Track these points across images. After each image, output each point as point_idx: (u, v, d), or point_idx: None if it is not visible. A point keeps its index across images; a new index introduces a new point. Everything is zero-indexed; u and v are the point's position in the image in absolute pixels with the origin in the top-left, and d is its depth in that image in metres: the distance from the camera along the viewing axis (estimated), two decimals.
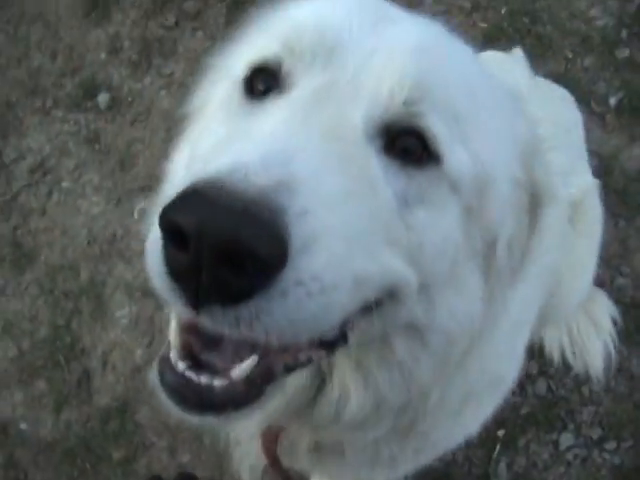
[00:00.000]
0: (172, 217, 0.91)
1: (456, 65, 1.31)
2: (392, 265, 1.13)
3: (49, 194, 3.98)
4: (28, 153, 4.12)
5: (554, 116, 2.41)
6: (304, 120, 1.09)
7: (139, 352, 3.52)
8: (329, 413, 1.45)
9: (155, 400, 3.18)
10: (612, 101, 3.78)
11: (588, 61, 3.88)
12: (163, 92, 4.13)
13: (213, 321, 0.96)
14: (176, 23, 4.34)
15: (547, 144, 1.53)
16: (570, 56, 3.89)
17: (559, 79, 3.73)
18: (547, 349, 3.19)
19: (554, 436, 3.17)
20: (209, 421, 1.15)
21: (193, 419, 1.14)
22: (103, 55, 4.34)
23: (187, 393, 1.11)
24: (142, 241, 3.20)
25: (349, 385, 1.41)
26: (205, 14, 4.33)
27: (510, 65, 2.63)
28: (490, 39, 3.85)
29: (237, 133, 1.20)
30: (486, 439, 3.14)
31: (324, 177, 1.00)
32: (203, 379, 1.10)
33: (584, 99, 3.74)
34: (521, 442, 3.17)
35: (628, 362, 3.23)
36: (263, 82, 1.30)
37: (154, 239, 0.98)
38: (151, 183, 3.82)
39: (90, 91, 4.21)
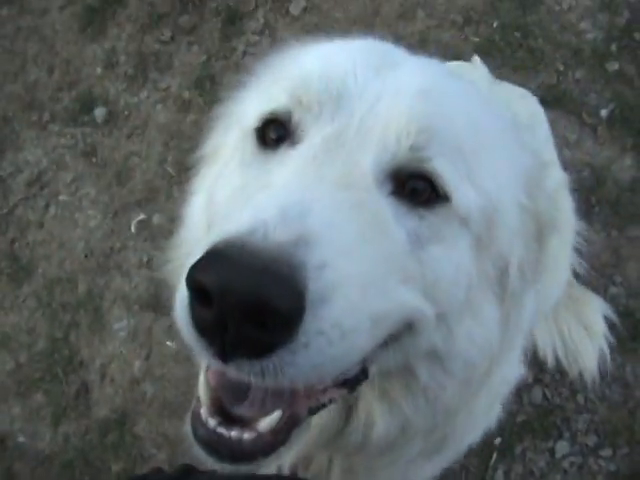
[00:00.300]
0: (197, 277, 0.96)
1: (459, 103, 1.36)
2: (408, 301, 1.18)
3: (46, 207, 3.99)
4: (25, 167, 4.13)
5: (518, 114, 2.46)
6: (316, 171, 1.14)
7: (137, 364, 3.53)
8: (356, 440, 1.50)
9: (153, 412, 3.18)
10: (603, 113, 3.83)
11: (579, 74, 3.93)
12: (159, 106, 4.16)
13: (240, 372, 1.00)
14: (172, 37, 4.37)
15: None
16: (561, 69, 3.94)
17: (551, 91, 3.79)
18: (541, 354, 3.20)
19: (550, 444, 3.20)
20: (241, 469, 1.22)
21: (226, 468, 1.21)
22: (99, 69, 4.36)
23: (219, 447, 1.18)
24: (139, 253, 3.22)
25: (374, 413, 1.46)
26: (200, 28, 4.36)
27: (471, 72, 2.75)
28: (482, 53, 3.87)
29: (252, 184, 1.25)
30: (483, 447, 3.16)
31: (339, 227, 1.05)
32: (233, 434, 1.17)
33: (576, 111, 3.80)
34: (517, 450, 3.19)
35: (622, 370, 3.26)
36: (275, 131, 1.35)
37: (182, 296, 1.03)
38: (148, 196, 3.87)
39: (87, 105, 4.24)
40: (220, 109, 1.65)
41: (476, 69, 2.82)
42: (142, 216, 3.83)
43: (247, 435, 1.17)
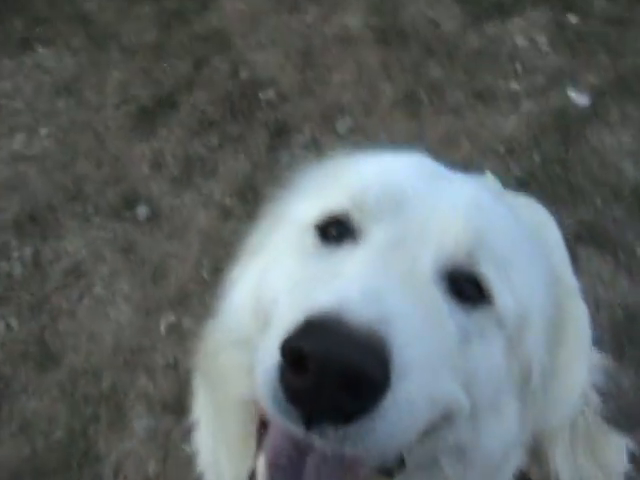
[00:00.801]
0: (297, 345, 1.03)
1: (501, 218, 1.49)
2: (453, 390, 1.26)
3: (80, 298, 4.02)
4: (64, 256, 4.19)
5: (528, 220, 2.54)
6: (383, 266, 1.24)
7: (152, 465, 3.48)
8: None
9: None
10: (639, 252, 3.83)
11: (617, 212, 3.96)
12: (201, 210, 4.24)
13: (322, 438, 1.07)
14: (219, 144, 4.49)
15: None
16: (600, 206, 3.97)
17: (587, 228, 3.81)
18: None
19: None
20: None
21: None
22: (146, 169, 4.48)
23: None
24: (167, 355, 3.22)
25: None
26: (248, 138, 4.49)
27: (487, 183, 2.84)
28: (522, 184, 3.95)
29: (319, 274, 1.34)
30: None
31: (410, 314, 1.14)
32: None
33: (612, 249, 3.81)
34: None
35: None
36: (336, 229, 1.46)
37: (270, 365, 1.10)
38: (181, 299, 3.90)
39: (130, 202, 4.33)
40: (266, 207, 1.77)
41: (490, 181, 2.93)
42: (173, 318, 3.85)
43: None
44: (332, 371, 0.98)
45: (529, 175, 4.07)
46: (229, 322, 1.65)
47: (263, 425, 1.36)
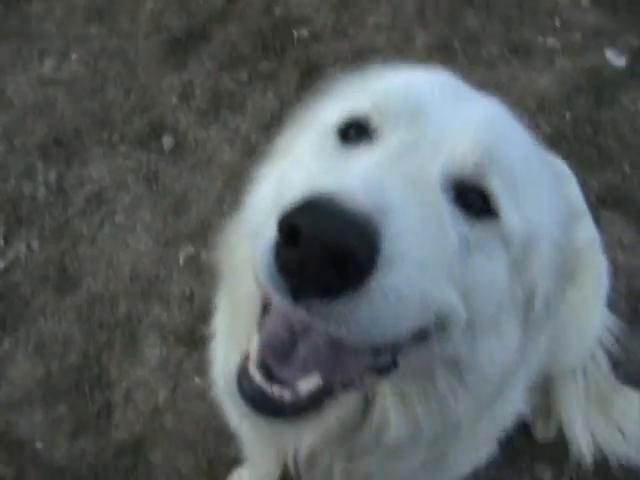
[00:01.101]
0: (291, 219, 1.07)
1: (516, 139, 1.52)
2: (449, 296, 1.29)
3: (101, 225, 4.06)
4: (88, 182, 4.22)
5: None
6: (392, 166, 1.27)
7: (162, 394, 3.55)
8: (369, 439, 1.63)
9: (170, 443, 3.17)
10: None
11: None
12: (226, 144, 4.24)
13: (308, 313, 1.12)
14: (249, 80, 4.48)
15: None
16: (627, 171, 3.93)
17: (612, 192, 3.78)
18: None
19: None
20: (275, 426, 1.39)
21: (263, 423, 1.35)
22: (174, 99, 4.47)
23: (261, 401, 1.31)
24: (183, 286, 3.25)
25: (390, 413, 1.58)
26: (278, 76, 4.47)
27: None
28: (551, 143, 3.89)
29: (334, 167, 1.40)
30: None
31: (409, 211, 1.17)
32: (275, 390, 1.30)
33: (635, 215, 3.78)
34: None
35: None
36: (355, 131, 1.51)
37: (267, 239, 1.15)
38: (200, 232, 3.93)
39: (156, 132, 4.34)
40: (296, 110, 1.81)
41: None
42: (192, 250, 3.88)
43: (287, 394, 1.30)
44: (320, 245, 1.02)
45: (558, 133, 4.03)
46: (251, 218, 1.70)
47: (266, 311, 1.42)
